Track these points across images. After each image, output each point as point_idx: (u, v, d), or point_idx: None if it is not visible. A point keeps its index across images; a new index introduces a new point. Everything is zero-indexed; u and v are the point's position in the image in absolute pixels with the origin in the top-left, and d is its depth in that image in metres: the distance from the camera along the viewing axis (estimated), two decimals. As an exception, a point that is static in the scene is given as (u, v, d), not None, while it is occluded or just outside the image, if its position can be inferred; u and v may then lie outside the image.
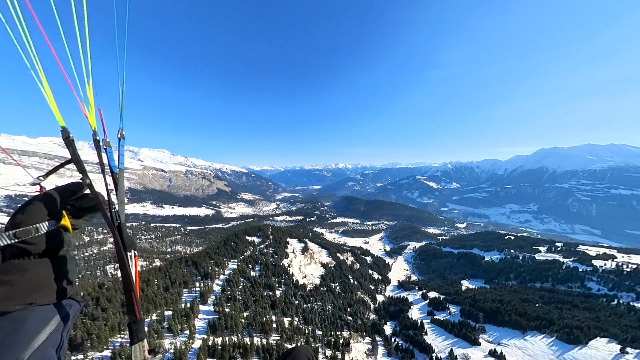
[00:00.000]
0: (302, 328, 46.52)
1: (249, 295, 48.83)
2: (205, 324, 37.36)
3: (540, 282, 78.96)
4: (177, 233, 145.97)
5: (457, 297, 68.89)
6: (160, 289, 41.56)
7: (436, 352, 46.00)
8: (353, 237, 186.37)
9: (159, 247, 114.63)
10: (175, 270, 49.30)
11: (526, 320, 51.31)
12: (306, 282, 68.85)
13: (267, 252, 78.56)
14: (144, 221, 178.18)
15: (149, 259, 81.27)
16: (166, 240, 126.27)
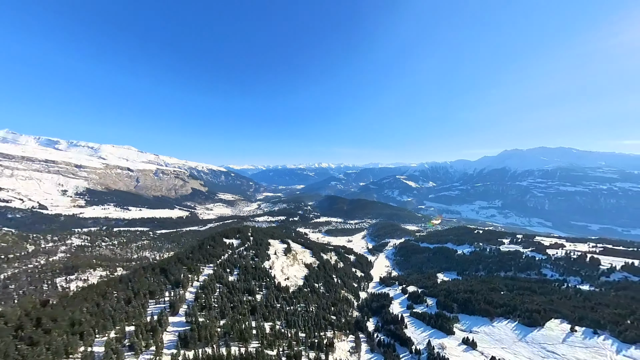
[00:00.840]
0: (285, 332, 45.21)
1: (226, 302, 46.05)
2: (176, 337, 34.23)
3: (504, 271, 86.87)
4: (144, 237, 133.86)
5: (434, 289, 72.85)
6: (120, 302, 37.09)
7: (415, 344, 47.86)
8: (337, 236, 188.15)
9: (122, 254, 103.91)
10: (140, 279, 44.55)
11: (493, 307, 55.86)
12: (289, 284, 67.37)
13: (247, 254, 75.36)
14: (105, 226, 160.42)
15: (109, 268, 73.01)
16: (131, 246, 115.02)
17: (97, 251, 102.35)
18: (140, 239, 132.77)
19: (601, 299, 56.57)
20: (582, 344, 42.01)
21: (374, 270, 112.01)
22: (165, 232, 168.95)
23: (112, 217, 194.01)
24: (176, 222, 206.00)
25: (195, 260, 59.38)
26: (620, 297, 57.99)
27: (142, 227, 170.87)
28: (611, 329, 44.26)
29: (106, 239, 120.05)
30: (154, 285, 44.58)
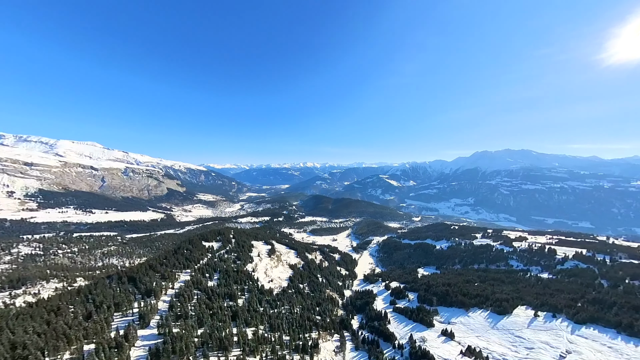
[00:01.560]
0: (268, 336, 43.60)
1: (204, 309, 43.14)
2: (146, 352, 31.06)
3: (477, 264, 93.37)
4: (112, 243, 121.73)
5: (415, 284, 75.78)
6: (77, 317, 32.71)
7: (398, 338, 49.16)
8: (322, 235, 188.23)
9: (85, 263, 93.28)
10: (103, 290, 39.85)
11: (468, 298, 59.50)
12: (273, 286, 65.47)
13: (229, 257, 71.83)
14: (63, 231, 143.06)
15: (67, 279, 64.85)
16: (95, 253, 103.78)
17: (51, 260, 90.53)
18: (107, 244, 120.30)
19: (558, 286, 63.09)
20: (544, 327, 46.30)
21: (359, 267, 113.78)
22: (137, 236, 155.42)
23: (72, 221, 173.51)
24: (149, 225, 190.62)
25: (170, 266, 54.94)
26: (572, 282, 65.27)
27: (109, 232, 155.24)
28: (566, 312, 49.41)
29: (64, 246, 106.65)
30: (120, 296, 40.16)
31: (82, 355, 27.85)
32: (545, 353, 39.64)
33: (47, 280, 65.80)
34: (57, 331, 29.37)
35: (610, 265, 69.69)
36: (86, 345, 29.59)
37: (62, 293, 38.66)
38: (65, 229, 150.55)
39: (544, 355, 39.21)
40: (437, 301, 61.84)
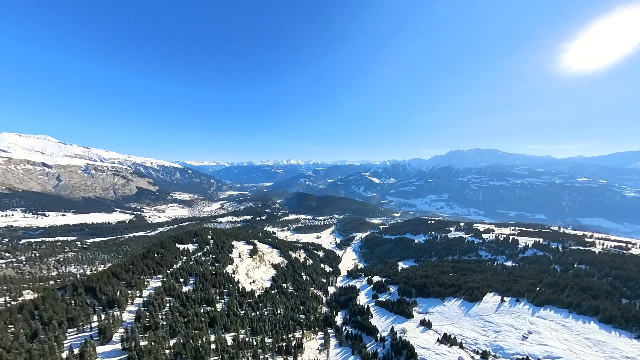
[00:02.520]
0: (249, 341, 41.76)
1: (177, 317, 39.88)
2: (107, 371, 27.60)
3: (451, 255, 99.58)
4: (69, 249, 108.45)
5: (395, 277, 78.51)
6: (20, 338, 27.95)
7: (380, 331, 50.34)
8: (306, 233, 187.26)
9: (35, 273, 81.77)
10: (53, 304, 34.70)
11: (444, 288, 63.04)
12: (255, 288, 63.14)
13: (206, 260, 67.70)
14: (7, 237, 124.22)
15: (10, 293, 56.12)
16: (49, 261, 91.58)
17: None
18: (62, 251, 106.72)
19: (520, 272, 69.48)
20: (509, 311, 50.59)
21: (342, 264, 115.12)
22: (100, 240, 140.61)
23: (19, 225, 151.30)
24: (116, 227, 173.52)
25: (137, 273, 49.96)
26: (532, 269, 72.34)
27: (66, 237, 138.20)
28: (528, 296, 54.53)
29: (7, 254, 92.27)
30: (75, 309, 35.34)
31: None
32: (510, 335, 43.25)
33: (-16, 296, 56.22)
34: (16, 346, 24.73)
35: (562, 252, 78.48)
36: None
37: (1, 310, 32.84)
38: (10, 235, 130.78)
39: (510, 336, 42.77)
40: (416, 293, 64.58)
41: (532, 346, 39.62)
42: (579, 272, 63.83)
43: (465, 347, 42.66)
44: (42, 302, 34.72)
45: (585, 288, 53.34)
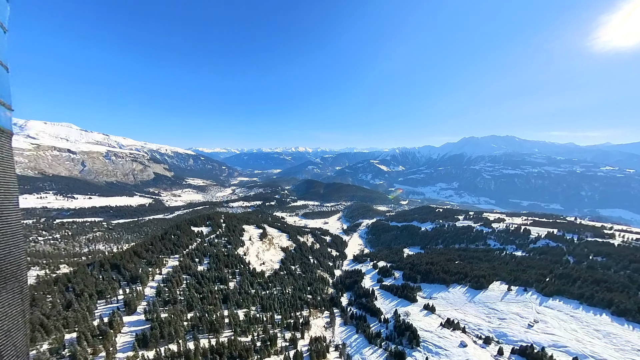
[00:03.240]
0: (260, 317, 44.17)
1: (194, 293, 42.44)
2: (132, 338, 30.21)
3: (458, 244, 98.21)
4: (96, 229, 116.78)
5: (400, 263, 78.99)
6: (56, 307, 30.87)
7: (384, 313, 51.62)
8: (313, 218, 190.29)
9: (69, 249, 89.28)
10: (84, 278, 37.76)
11: (449, 275, 62.80)
12: (265, 269, 65.82)
13: (219, 242, 70.63)
14: (43, 217, 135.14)
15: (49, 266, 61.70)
16: (80, 239, 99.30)
17: (32, 247, 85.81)
18: (91, 230, 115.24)
19: (529, 262, 67.58)
20: (515, 300, 49.89)
21: (348, 249, 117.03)
22: (124, 221, 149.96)
23: (53, 207, 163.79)
24: (137, 210, 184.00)
25: (156, 252, 53.00)
26: (542, 259, 70.12)
27: (94, 218, 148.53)
28: (536, 286, 53.27)
29: (44, 232, 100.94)
30: (103, 283, 38.34)
31: (62, 344, 26.54)
32: (515, 323, 42.94)
33: (28, 269, 62.31)
34: (33, 322, 27.58)
35: (577, 243, 75.01)
36: (67, 335, 28.21)
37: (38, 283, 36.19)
38: (45, 215, 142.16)
39: (515, 324, 42.49)
40: (420, 278, 64.89)
41: (538, 334, 39.24)
42: (594, 264, 61.07)
43: (468, 331, 43.02)
44: (74, 275, 37.87)
45: (600, 280, 51.16)
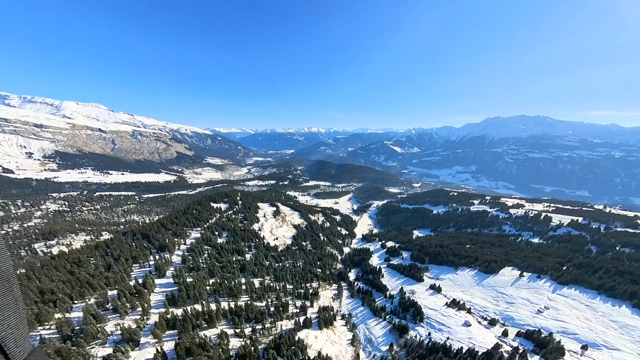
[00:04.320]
0: (273, 285, 47.22)
1: (214, 262, 45.77)
2: (163, 298, 33.73)
3: (471, 228, 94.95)
4: (130, 202, 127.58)
5: (409, 244, 78.74)
6: (99, 268, 34.79)
7: (390, 290, 52.93)
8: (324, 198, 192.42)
9: (108, 219, 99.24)
10: (119, 245, 41.76)
11: (459, 258, 61.67)
12: (278, 244, 68.95)
13: (236, 217, 74.10)
14: (85, 190, 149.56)
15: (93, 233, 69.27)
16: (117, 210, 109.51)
17: (78, 216, 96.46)
18: (126, 203, 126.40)
19: (547, 250, 64.01)
20: (526, 286, 48.30)
21: (358, 228, 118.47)
22: (153, 196, 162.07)
23: (92, 181, 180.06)
24: (163, 186, 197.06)
25: (180, 225, 56.84)
26: (561, 248, 65.96)
27: (127, 192, 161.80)
28: (551, 274, 50.78)
29: (87, 203, 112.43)
30: (136, 250, 42.29)
31: (106, 299, 30.34)
32: (524, 308, 42.01)
33: (76, 234, 70.73)
34: (81, 280, 31.48)
35: (604, 233, 69.01)
36: (109, 292, 32.08)
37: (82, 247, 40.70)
38: (87, 188, 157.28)
39: (523, 309, 41.61)
40: (428, 260, 64.61)
41: (547, 320, 38.25)
42: (621, 255, 56.32)
43: (473, 312, 43.08)
44: (111, 242, 42.03)
45: (624, 272, 47.35)
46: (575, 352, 31.79)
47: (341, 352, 34.16)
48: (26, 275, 29.55)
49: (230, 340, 29.36)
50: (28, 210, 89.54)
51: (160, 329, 27.68)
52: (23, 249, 58.76)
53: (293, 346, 30.71)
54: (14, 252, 55.91)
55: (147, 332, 27.67)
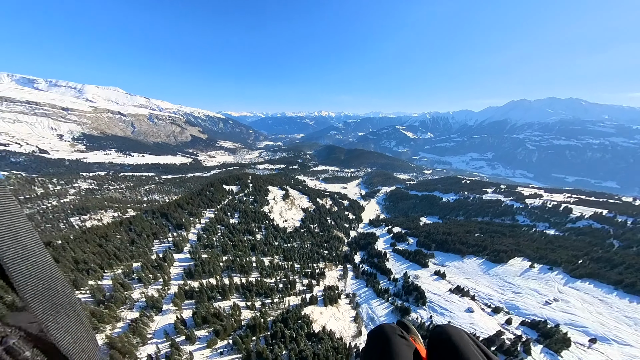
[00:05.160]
0: (282, 264, 49.19)
1: (227, 241, 47.91)
2: (181, 271, 36.17)
3: (482, 217, 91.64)
4: (151, 182, 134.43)
5: (416, 230, 77.84)
6: (124, 242, 37.50)
7: (394, 273, 53.56)
8: (333, 183, 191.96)
9: (132, 197, 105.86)
10: (141, 222, 44.45)
11: (466, 247, 60.32)
12: (287, 225, 70.69)
13: (247, 200, 75.95)
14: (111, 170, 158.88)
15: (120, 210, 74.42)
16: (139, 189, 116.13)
17: (106, 194, 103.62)
18: (147, 183, 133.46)
19: (562, 242, 60.72)
20: (536, 277, 46.72)
21: (365, 213, 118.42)
22: (171, 177, 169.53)
23: (117, 162, 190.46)
24: (180, 168, 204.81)
25: (195, 205, 59.21)
26: (579, 241, 62.18)
27: (148, 173, 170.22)
28: (565, 266, 48.50)
29: (113, 183, 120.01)
30: (156, 227, 44.92)
31: (132, 270, 33.04)
32: (531, 298, 41.01)
33: (105, 210, 76.44)
34: (109, 252, 34.22)
35: (630, 227, 63.74)
36: (134, 264, 34.78)
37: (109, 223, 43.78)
38: (112, 169, 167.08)
39: (530, 299, 40.65)
40: (435, 247, 63.85)
41: (554, 312, 37.24)
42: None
43: (477, 299, 42.85)
44: (134, 220, 44.79)
45: (649, 269, 44.12)
46: (582, 344, 31.04)
47: (344, 327, 35.79)
48: (62, 246, 32.59)
49: (242, 311, 31.46)
50: (63, 187, 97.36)
51: (179, 299, 30.01)
52: (61, 222, 64.83)
53: (299, 320, 32.47)
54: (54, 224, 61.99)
55: (167, 300, 30.19)
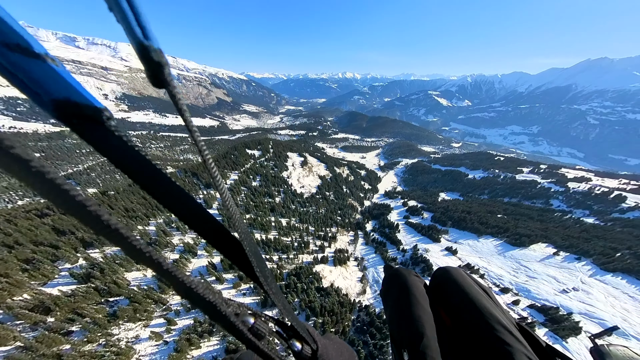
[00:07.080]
0: (298, 226, 51.87)
1: (249, 201, 50.63)
2: (211, 225, 39.89)
3: (509, 197, 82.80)
4: (184, 143, 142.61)
5: (433, 206, 74.11)
6: (162, 197, 41.63)
7: (404, 245, 53.68)
8: (352, 152, 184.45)
9: (171, 156, 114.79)
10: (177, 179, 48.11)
11: (485, 227, 56.38)
12: (303, 191, 72.02)
13: (267, 164, 77.04)
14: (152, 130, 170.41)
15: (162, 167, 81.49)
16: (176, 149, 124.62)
17: (149, 152, 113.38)
18: (181, 143, 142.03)
19: (600, 233, 53.07)
20: (559, 265, 42.92)
21: (381, 184, 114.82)
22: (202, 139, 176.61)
23: (155, 122, 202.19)
24: (209, 130, 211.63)
25: (221, 167, 61.62)
26: (623, 232, 53.63)
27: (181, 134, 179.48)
28: (596, 258, 43.27)
29: (154, 142, 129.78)
30: (189, 185, 48.50)
31: (171, 220, 37.31)
32: (546, 284, 38.53)
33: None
34: (152, 204, 38.40)
35: (701, 224, 52.18)
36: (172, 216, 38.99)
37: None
38: (152, 129, 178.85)
39: (545, 285, 38.27)
40: (451, 224, 60.92)
41: (570, 301, 34.87)
42: None
43: (486, 278, 41.77)
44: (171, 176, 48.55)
45: None
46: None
47: (351, 286, 38.47)
48: (114, 196, 37.33)
49: (262, 263, 34.85)
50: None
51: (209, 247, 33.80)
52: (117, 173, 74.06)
53: (311, 275, 35.31)
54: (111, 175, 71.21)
55: (201, 247, 34.36)
